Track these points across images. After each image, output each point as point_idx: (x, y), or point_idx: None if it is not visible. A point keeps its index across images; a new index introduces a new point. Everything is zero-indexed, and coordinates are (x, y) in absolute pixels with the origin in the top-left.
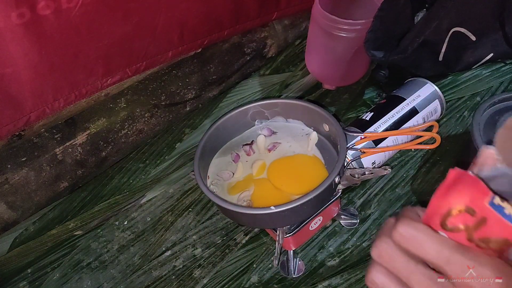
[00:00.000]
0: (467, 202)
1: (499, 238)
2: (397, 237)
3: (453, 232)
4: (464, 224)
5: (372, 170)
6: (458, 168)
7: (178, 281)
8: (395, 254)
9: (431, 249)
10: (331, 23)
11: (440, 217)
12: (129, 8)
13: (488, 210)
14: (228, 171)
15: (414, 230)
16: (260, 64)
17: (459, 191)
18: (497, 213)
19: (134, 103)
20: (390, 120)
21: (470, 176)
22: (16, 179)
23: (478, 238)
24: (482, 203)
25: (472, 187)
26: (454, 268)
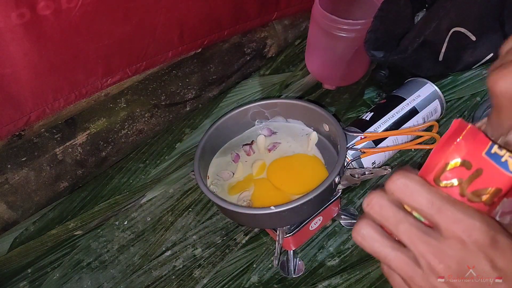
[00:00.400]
0: (464, 155)
1: (491, 188)
2: (390, 186)
3: (446, 187)
4: (458, 178)
5: (372, 170)
6: (462, 119)
7: (178, 281)
8: (386, 204)
9: (423, 198)
10: (331, 23)
11: (435, 172)
12: (129, 8)
13: (484, 160)
14: (228, 171)
15: (408, 179)
16: (260, 64)
17: (457, 145)
18: (492, 161)
19: (134, 103)
20: (390, 120)
21: (471, 128)
22: (16, 179)
23: (470, 192)
24: (480, 155)
25: (471, 139)
26: (444, 218)
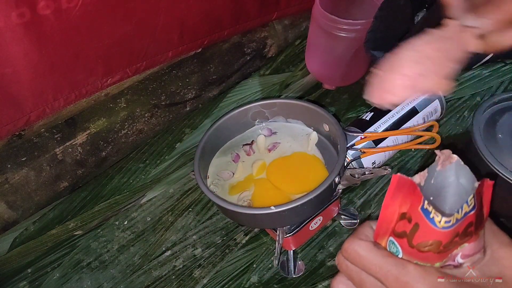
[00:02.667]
0: (407, 209)
1: (429, 241)
2: (344, 254)
3: (400, 238)
4: (403, 231)
5: (372, 170)
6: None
7: (178, 281)
8: (349, 265)
9: (371, 264)
10: (331, 23)
11: (390, 224)
12: (129, 8)
13: (419, 215)
14: (228, 171)
15: (358, 246)
16: (260, 64)
17: (402, 198)
18: (424, 217)
19: (134, 103)
20: (390, 120)
21: (410, 182)
22: (16, 179)
23: (416, 244)
24: (417, 209)
25: (411, 194)
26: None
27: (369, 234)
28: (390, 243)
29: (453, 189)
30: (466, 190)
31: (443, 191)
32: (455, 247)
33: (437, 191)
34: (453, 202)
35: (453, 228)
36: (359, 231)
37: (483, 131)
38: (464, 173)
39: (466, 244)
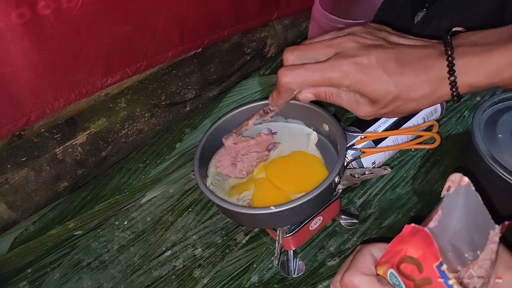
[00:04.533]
0: (418, 255)
1: None
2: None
3: (406, 279)
4: (412, 276)
5: (372, 170)
6: (415, 224)
7: (178, 281)
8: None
9: None
10: (331, 23)
11: (398, 259)
12: (129, 8)
13: (434, 272)
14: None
15: (360, 283)
16: (260, 64)
17: (414, 243)
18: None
19: (134, 103)
20: (390, 119)
21: (425, 234)
22: (16, 179)
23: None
24: (431, 264)
25: (425, 244)
26: None
27: (371, 266)
28: (392, 276)
29: (462, 215)
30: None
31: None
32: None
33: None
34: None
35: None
36: (360, 263)
37: (483, 131)
38: (474, 199)
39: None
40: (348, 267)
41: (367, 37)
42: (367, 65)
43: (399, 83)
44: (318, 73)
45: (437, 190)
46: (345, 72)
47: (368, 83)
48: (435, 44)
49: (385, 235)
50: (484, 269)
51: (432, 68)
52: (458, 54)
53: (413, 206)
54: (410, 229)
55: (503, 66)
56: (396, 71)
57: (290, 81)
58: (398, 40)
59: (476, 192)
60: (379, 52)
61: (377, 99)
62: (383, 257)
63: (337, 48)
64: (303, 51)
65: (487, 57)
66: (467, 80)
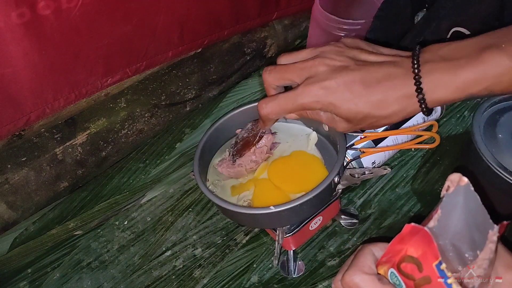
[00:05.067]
0: (418, 255)
1: None
2: (344, 285)
3: (406, 278)
4: (411, 274)
5: (372, 170)
6: (414, 224)
7: (178, 281)
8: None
9: None
10: (331, 23)
11: (398, 258)
12: (129, 8)
13: (434, 272)
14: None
15: (361, 282)
16: (260, 64)
17: (414, 242)
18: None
19: (134, 103)
20: None
21: (425, 233)
22: (16, 179)
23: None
24: (431, 264)
25: (425, 244)
26: None
27: (372, 265)
28: (392, 275)
29: (461, 215)
30: (476, 219)
31: (452, 219)
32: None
33: (446, 218)
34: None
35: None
36: (361, 262)
37: (483, 131)
38: (473, 199)
39: None
40: (349, 266)
41: (336, 58)
42: (335, 89)
43: (367, 104)
44: (290, 102)
45: (437, 190)
46: (315, 97)
47: (338, 106)
48: (404, 60)
49: (385, 235)
50: (483, 268)
51: (400, 87)
52: (425, 72)
53: (413, 206)
54: (410, 228)
55: (470, 82)
56: (363, 92)
57: (269, 112)
58: (367, 57)
59: (475, 192)
60: (347, 74)
61: (349, 118)
62: (383, 257)
63: (309, 72)
64: (280, 73)
65: (455, 73)
66: (435, 96)
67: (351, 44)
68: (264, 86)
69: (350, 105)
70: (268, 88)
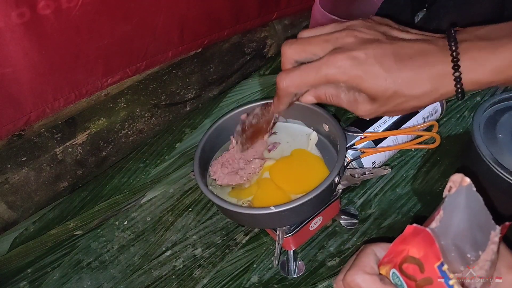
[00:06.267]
0: (420, 256)
1: None
2: (345, 285)
3: (408, 278)
4: (413, 275)
5: (372, 170)
6: (417, 225)
7: (178, 281)
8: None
9: None
10: (331, 23)
11: (400, 259)
12: (129, 8)
13: (435, 272)
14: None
15: (362, 282)
16: (260, 64)
17: (416, 243)
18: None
19: (134, 103)
20: (390, 119)
21: (427, 234)
22: (16, 179)
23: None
24: (432, 264)
25: (427, 245)
26: None
27: (374, 265)
28: (394, 276)
29: (464, 215)
30: (479, 219)
31: (454, 220)
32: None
33: (449, 219)
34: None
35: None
36: (363, 262)
37: (483, 131)
38: (475, 199)
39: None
40: (351, 266)
41: (366, 31)
42: (364, 60)
43: (397, 80)
44: (313, 72)
45: (437, 190)
46: (341, 68)
47: (365, 79)
48: (437, 39)
49: (385, 235)
50: (484, 270)
51: (434, 64)
52: (462, 49)
53: (413, 206)
54: (412, 229)
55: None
56: (394, 67)
57: (288, 84)
58: (399, 34)
59: (477, 193)
60: (377, 47)
61: (376, 96)
62: (385, 257)
63: (335, 43)
64: (301, 45)
65: (494, 53)
66: (471, 76)
67: (381, 21)
68: (281, 61)
69: (378, 80)
70: (285, 62)
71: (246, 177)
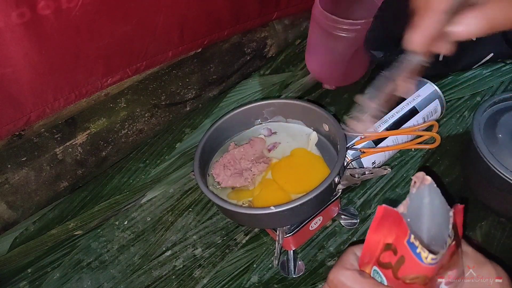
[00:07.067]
0: (392, 239)
1: (415, 275)
2: (330, 285)
3: (385, 268)
4: (388, 262)
5: (372, 170)
6: (386, 205)
7: (178, 281)
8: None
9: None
10: (331, 23)
11: (375, 253)
12: (129, 8)
13: (405, 248)
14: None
15: (343, 277)
16: (260, 64)
17: (388, 227)
18: (411, 251)
19: (134, 103)
20: (390, 119)
21: (396, 214)
22: (16, 179)
23: (401, 276)
24: (403, 242)
25: (397, 226)
26: None
27: (354, 262)
28: (375, 272)
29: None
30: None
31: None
32: (440, 277)
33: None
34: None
35: (438, 263)
36: (344, 260)
37: (483, 131)
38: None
39: (449, 272)
40: (333, 266)
41: None
42: None
43: None
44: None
45: None
46: None
47: None
48: None
49: None
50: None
51: None
52: None
53: None
54: (382, 209)
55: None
56: None
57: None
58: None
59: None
60: None
61: None
62: (364, 253)
63: None
64: None
65: None
66: None
67: None
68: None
69: None
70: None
71: (250, 179)
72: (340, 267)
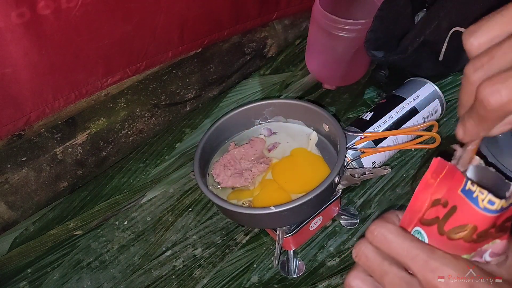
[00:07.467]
0: (443, 194)
1: (466, 225)
2: (369, 236)
3: (429, 225)
4: (435, 217)
5: (372, 170)
6: (441, 158)
7: (178, 281)
8: (371, 255)
9: (399, 247)
10: (331, 23)
11: (418, 214)
12: (129, 8)
13: (459, 197)
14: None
15: (384, 229)
16: (260, 64)
17: (438, 184)
18: (465, 197)
19: (134, 103)
20: (390, 120)
21: (450, 166)
22: (16, 179)
23: (448, 230)
24: (456, 192)
25: (450, 178)
26: (419, 268)
27: (396, 221)
28: (415, 233)
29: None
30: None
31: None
32: (487, 240)
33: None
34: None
35: (494, 215)
36: (386, 217)
37: None
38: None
39: (498, 241)
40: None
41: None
42: None
43: None
44: None
45: None
46: None
47: None
48: None
49: None
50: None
51: None
52: None
53: None
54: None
55: None
56: None
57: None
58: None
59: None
60: None
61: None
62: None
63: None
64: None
65: None
66: None
67: None
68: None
69: None
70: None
71: (250, 179)
72: (382, 221)
